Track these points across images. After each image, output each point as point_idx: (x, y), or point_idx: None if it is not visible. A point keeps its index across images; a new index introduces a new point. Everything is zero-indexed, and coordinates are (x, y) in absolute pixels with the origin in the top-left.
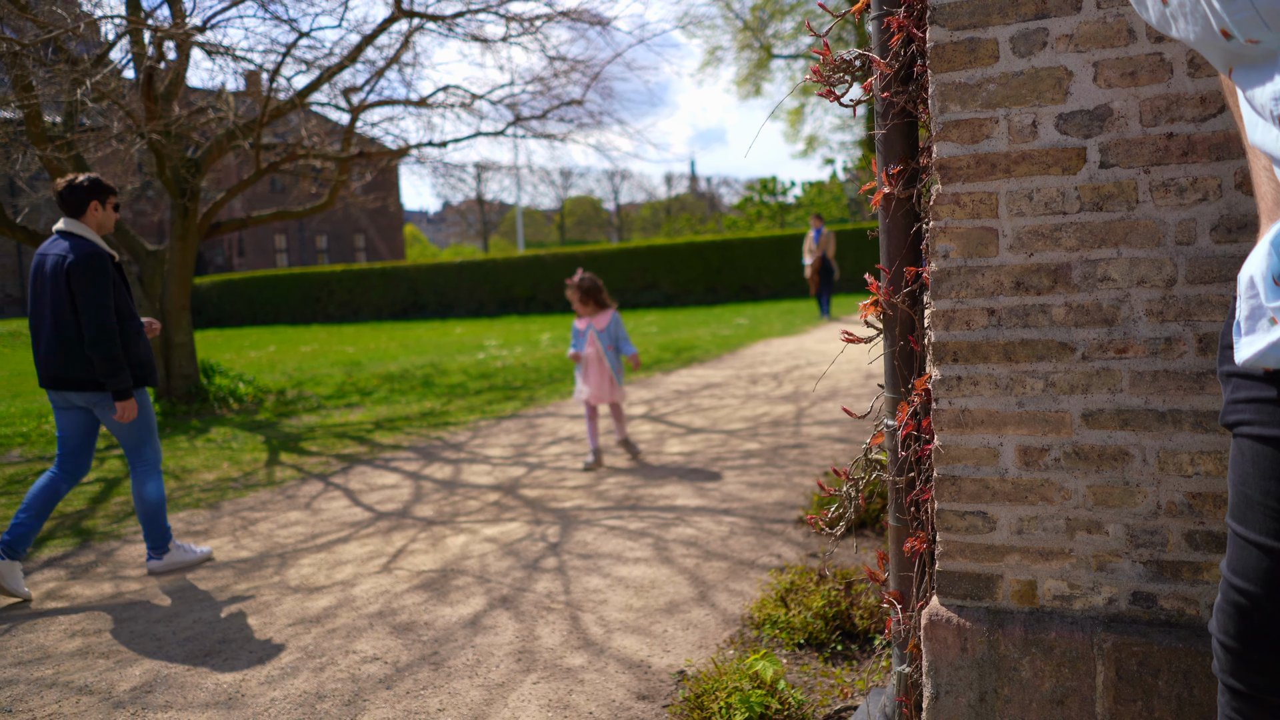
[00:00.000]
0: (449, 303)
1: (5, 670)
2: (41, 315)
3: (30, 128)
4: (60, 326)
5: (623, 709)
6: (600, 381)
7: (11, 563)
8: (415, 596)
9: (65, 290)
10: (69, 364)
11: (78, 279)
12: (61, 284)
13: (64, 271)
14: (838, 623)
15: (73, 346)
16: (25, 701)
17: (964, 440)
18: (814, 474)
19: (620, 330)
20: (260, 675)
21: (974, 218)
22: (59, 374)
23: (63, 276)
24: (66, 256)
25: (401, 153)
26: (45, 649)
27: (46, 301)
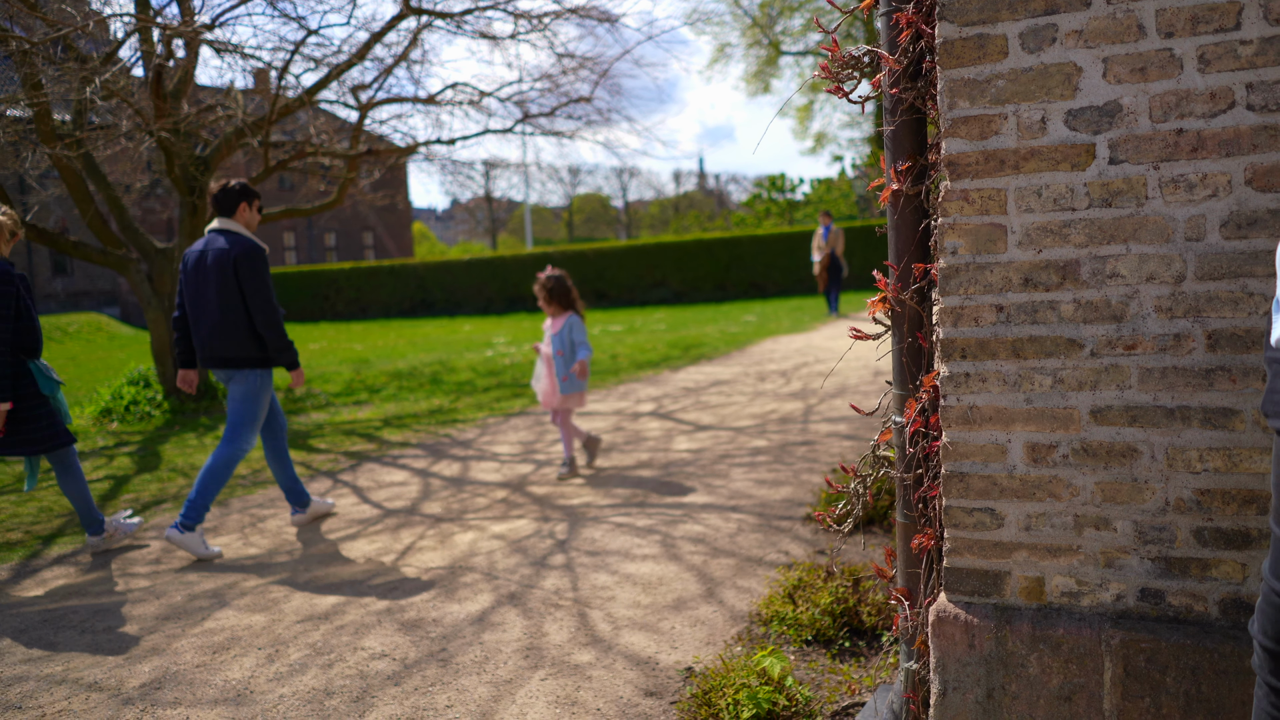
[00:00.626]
0: (457, 300)
1: (15, 667)
2: (204, 303)
3: (39, 126)
4: (227, 311)
5: (630, 706)
6: (548, 386)
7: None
8: (423, 594)
9: (232, 280)
10: (228, 344)
11: (245, 270)
12: (228, 274)
13: (230, 263)
14: (845, 620)
15: (234, 329)
16: (35, 698)
17: (972, 437)
18: (822, 471)
19: (577, 334)
20: (269, 672)
21: (983, 214)
22: (220, 353)
23: (229, 268)
24: (230, 250)
25: (410, 150)
26: (54, 646)
27: (211, 291)
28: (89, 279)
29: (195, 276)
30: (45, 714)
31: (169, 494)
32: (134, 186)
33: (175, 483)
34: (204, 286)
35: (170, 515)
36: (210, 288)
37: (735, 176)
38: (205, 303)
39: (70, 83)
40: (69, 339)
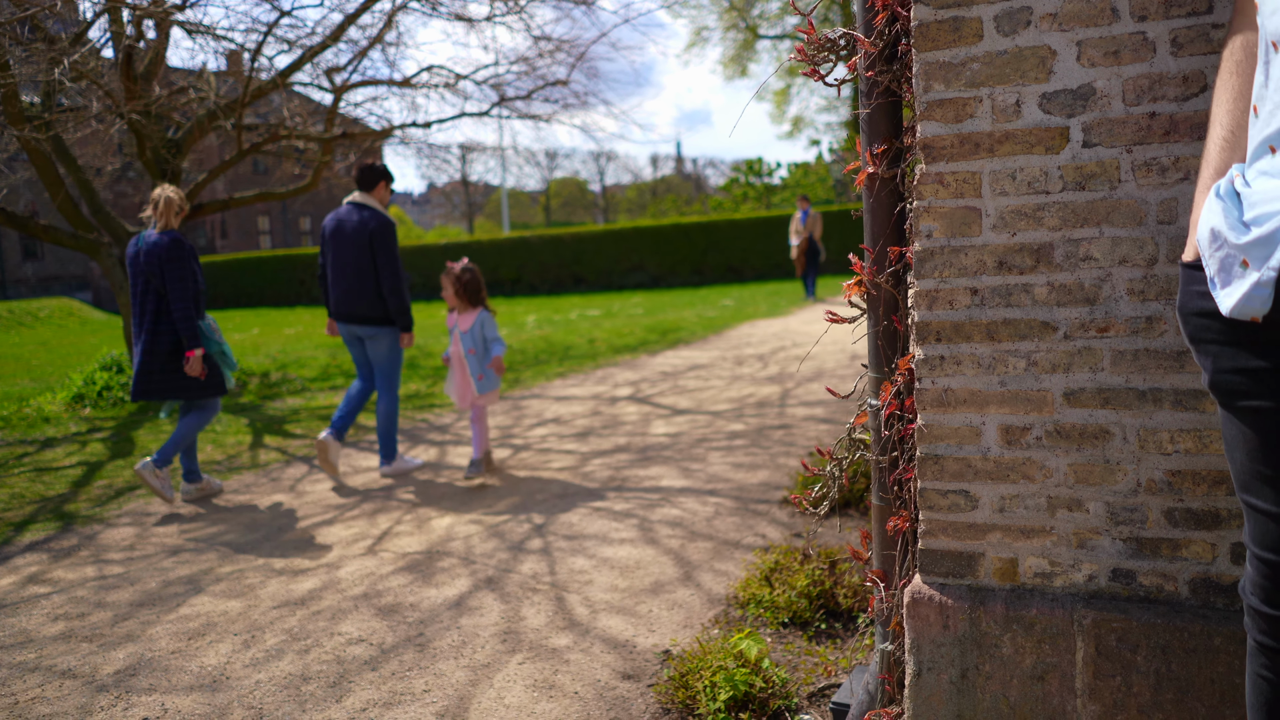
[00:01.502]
0: (434, 285)
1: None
2: (343, 266)
3: (7, 107)
4: (360, 275)
5: (608, 689)
6: (460, 385)
7: (338, 442)
8: (400, 578)
9: (367, 249)
10: (359, 304)
11: (380, 241)
12: (363, 243)
13: (366, 235)
14: (822, 602)
15: (365, 291)
16: (8, 685)
17: (947, 419)
18: (799, 454)
19: (490, 331)
20: (245, 658)
21: (957, 197)
22: (351, 311)
23: (365, 238)
24: (368, 223)
25: (385, 134)
26: (27, 633)
27: (348, 256)
28: (60, 263)
29: (334, 243)
30: (18, 701)
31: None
32: (105, 170)
33: None
34: (342, 252)
35: (143, 503)
36: (348, 254)
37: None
38: (343, 267)
39: (38, 63)
40: (40, 324)
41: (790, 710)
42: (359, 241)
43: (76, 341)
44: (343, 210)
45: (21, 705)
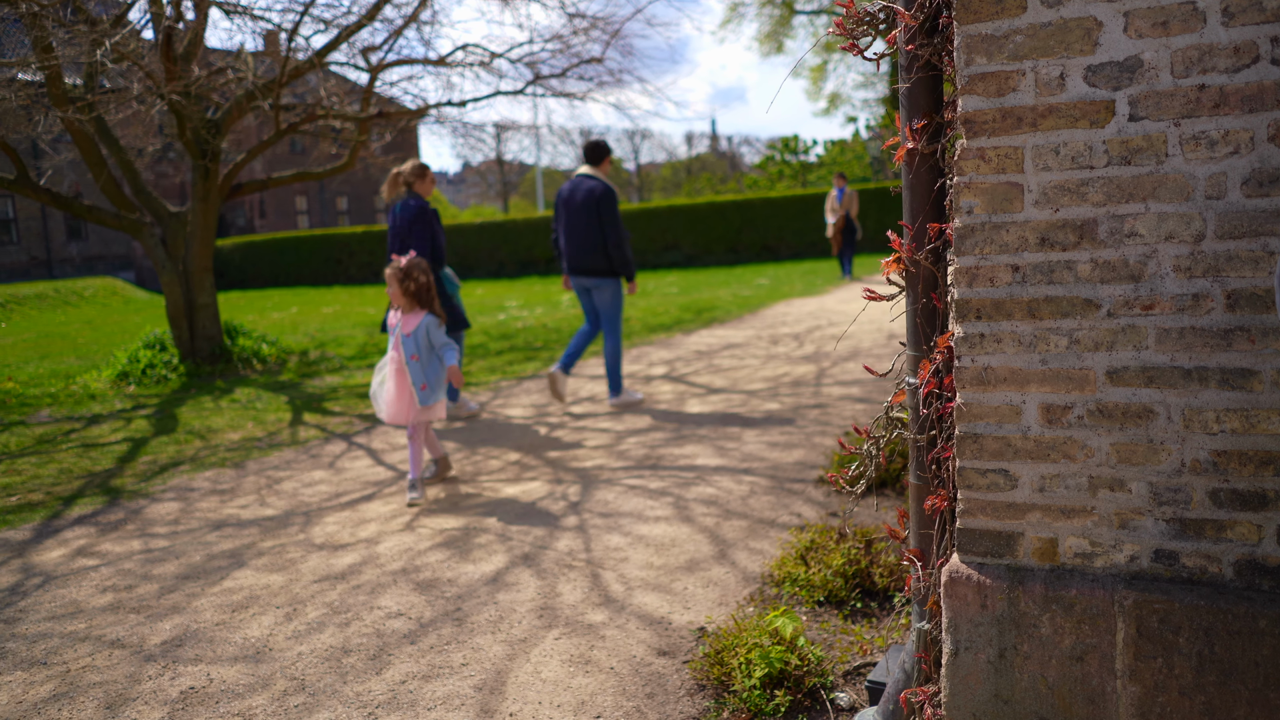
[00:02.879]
0: (469, 264)
1: (39, 624)
2: (574, 228)
3: (51, 89)
4: (589, 234)
5: (643, 664)
6: (396, 396)
7: (565, 375)
8: (438, 554)
9: (595, 213)
10: (588, 260)
11: (605, 207)
12: (592, 209)
13: (595, 201)
14: (857, 581)
15: (593, 248)
16: (59, 654)
17: (986, 398)
18: (834, 434)
19: (437, 336)
20: (287, 630)
21: (999, 173)
22: (581, 265)
23: (593, 204)
24: (595, 190)
25: (421, 112)
26: (77, 604)
27: (579, 219)
28: (104, 243)
29: (567, 209)
30: (70, 669)
31: (186, 456)
32: (146, 150)
33: (192, 445)
34: (575, 216)
35: (187, 477)
36: (579, 217)
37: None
38: (575, 228)
39: (81, 45)
40: (85, 303)
41: (825, 688)
42: (588, 206)
43: (120, 320)
44: (573, 181)
45: (73, 673)
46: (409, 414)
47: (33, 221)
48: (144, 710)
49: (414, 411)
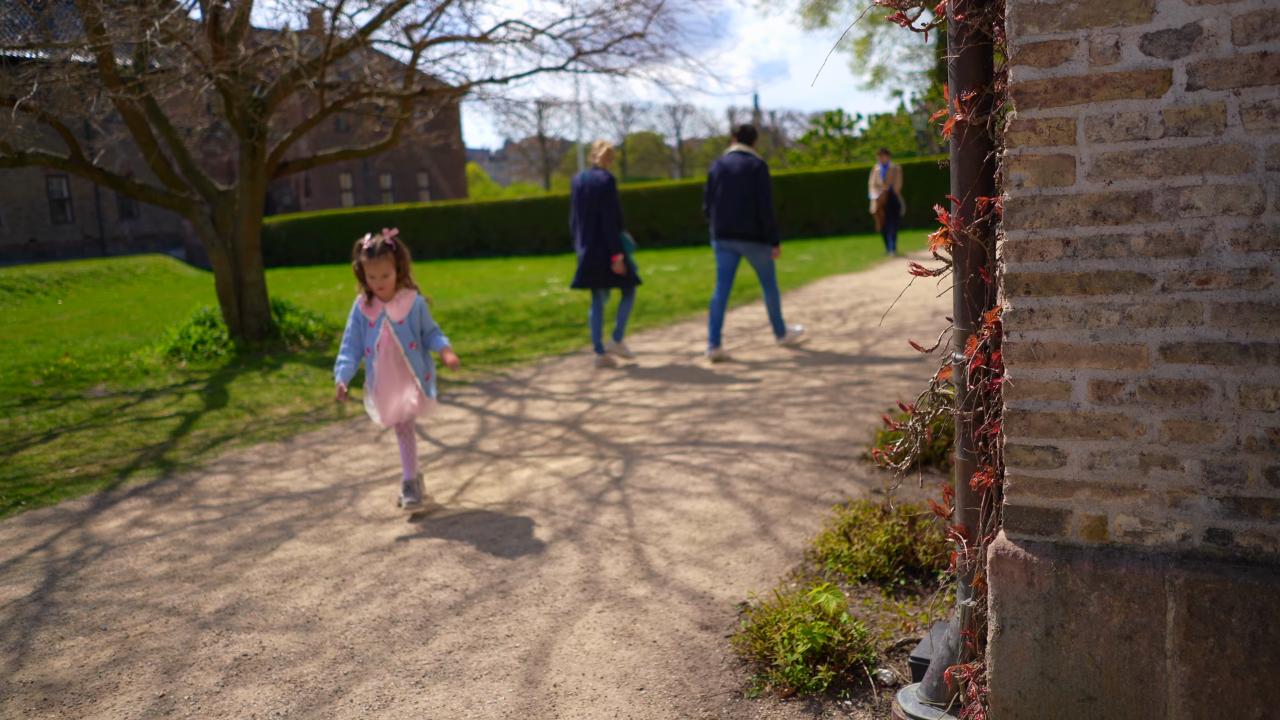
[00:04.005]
0: (511, 241)
1: (99, 592)
2: (729, 198)
3: (103, 70)
4: (743, 204)
5: (686, 638)
6: (399, 392)
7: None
8: (483, 528)
9: (750, 184)
10: (738, 224)
11: (762, 179)
12: (748, 180)
13: (750, 174)
14: (901, 558)
15: (745, 214)
16: (119, 620)
17: (1035, 374)
18: (878, 411)
19: (427, 319)
20: (336, 600)
21: (1050, 145)
22: (732, 230)
23: (750, 176)
24: (751, 165)
25: (463, 90)
26: (134, 572)
27: (734, 191)
28: (155, 222)
29: (724, 181)
30: (129, 635)
31: (236, 430)
32: (195, 129)
33: (242, 419)
34: (731, 187)
35: (238, 450)
36: (735, 188)
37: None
38: (730, 199)
39: (131, 26)
40: (137, 280)
41: (868, 664)
42: (744, 179)
43: (171, 297)
44: (728, 157)
45: (131, 639)
46: (419, 408)
47: (86, 201)
48: (200, 675)
49: (424, 404)
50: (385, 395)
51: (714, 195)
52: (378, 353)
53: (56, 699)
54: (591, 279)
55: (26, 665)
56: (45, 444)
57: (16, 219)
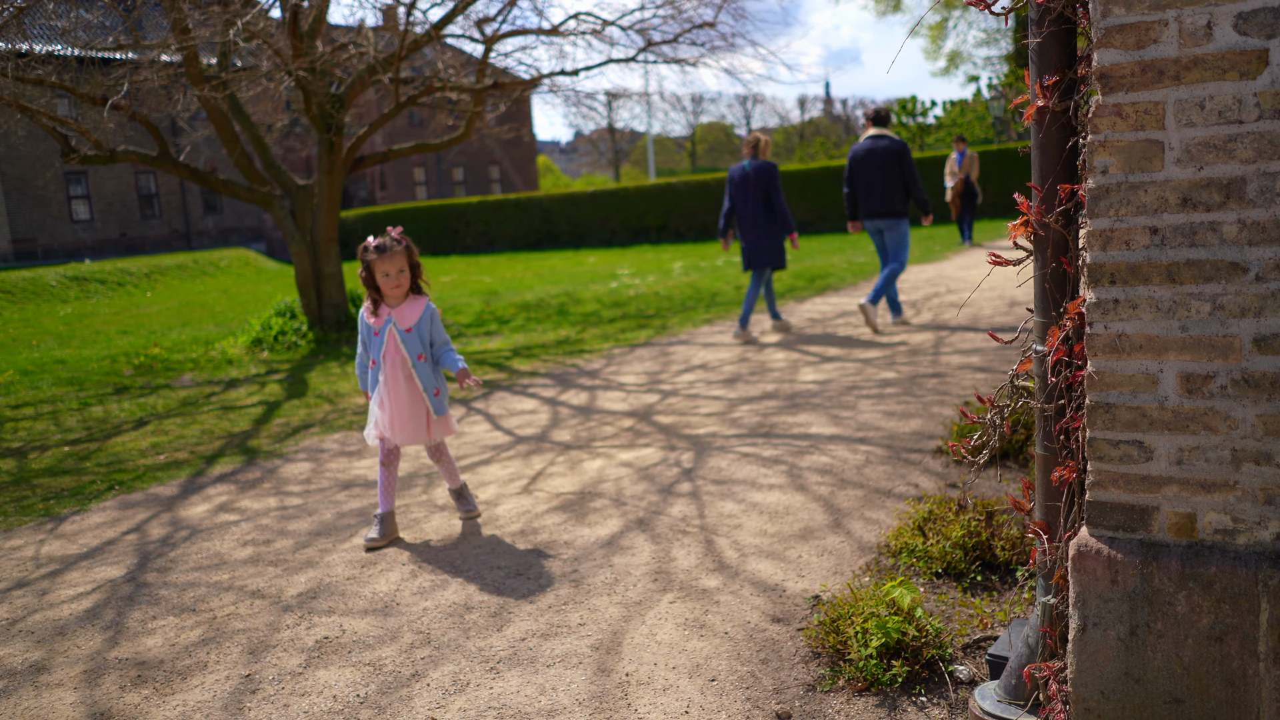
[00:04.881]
0: (582, 232)
1: (188, 574)
2: (874, 179)
3: (189, 69)
4: (888, 184)
5: (758, 630)
6: (409, 409)
7: (874, 306)
8: (554, 517)
9: (895, 165)
10: (883, 204)
11: (905, 160)
12: (893, 162)
13: (894, 155)
14: (977, 553)
15: (890, 193)
16: (207, 602)
17: (1120, 366)
18: (953, 403)
19: (438, 329)
20: (413, 586)
21: (1137, 130)
22: (878, 209)
23: (894, 158)
24: (894, 146)
25: (534, 82)
26: (221, 556)
27: (880, 172)
28: (237, 216)
29: (867, 162)
30: (216, 617)
31: (315, 419)
32: (275, 125)
33: (321, 408)
34: (875, 169)
35: (317, 439)
36: (879, 169)
37: (863, 101)
38: (874, 179)
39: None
40: (220, 273)
41: (944, 660)
42: (888, 160)
43: (253, 289)
44: (867, 141)
45: (219, 620)
46: (428, 429)
47: (173, 196)
48: (283, 657)
49: (433, 425)
50: (397, 414)
51: (856, 179)
52: (384, 364)
53: (149, 675)
54: (759, 260)
55: (121, 643)
56: (136, 431)
57: (108, 214)
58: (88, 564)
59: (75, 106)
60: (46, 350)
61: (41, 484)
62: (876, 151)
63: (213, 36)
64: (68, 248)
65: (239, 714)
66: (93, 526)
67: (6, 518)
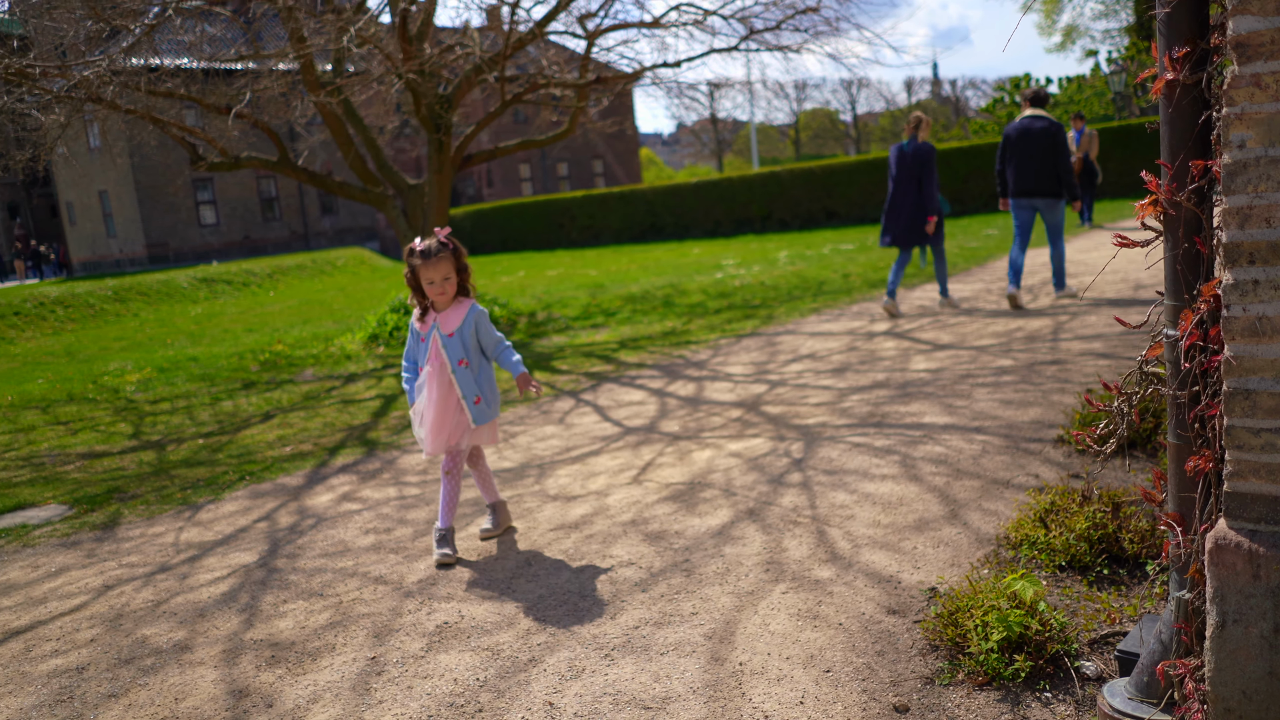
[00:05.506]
0: (685, 224)
1: (315, 560)
2: (1028, 157)
3: (305, 76)
4: (1043, 162)
5: (872, 622)
6: (444, 417)
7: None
8: (665, 507)
9: (1050, 144)
10: (1038, 182)
11: (1059, 139)
12: (1046, 141)
13: (1049, 135)
14: (1104, 546)
15: (1043, 174)
16: (332, 587)
17: (1260, 350)
18: (1074, 391)
19: (487, 332)
20: (527, 574)
21: (1277, 100)
22: (1033, 188)
23: (1047, 138)
24: (1050, 127)
25: (636, 76)
26: (345, 544)
27: (1036, 151)
28: (352, 216)
29: (1022, 141)
30: (342, 601)
31: None
32: (386, 128)
33: None
34: (1031, 148)
35: None
36: (1036, 149)
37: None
38: (1030, 159)
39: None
40: (337, 272)
41: (1069, 655)
42: (1044, 140)
43: (368, 286)
44: (1024, 121)
45: (345, 604)
46: (459, 436)
47: (291, 199)
48: (406, 640)
49: (465, 432)
50: (436, 421)
51: (1011, 158)
52: (430, 370)
53: (282, 656)
54: (906, 239)
55: (256, 625)
56: (264, 424)
57: (232, 218)
58: (223, 550)
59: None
60: (180, 348)
61: (179, 474)
62: (1033, 131)
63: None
64: (196, 251)
65: (366, 694)
66: (226, 514)
67: (149, 506)
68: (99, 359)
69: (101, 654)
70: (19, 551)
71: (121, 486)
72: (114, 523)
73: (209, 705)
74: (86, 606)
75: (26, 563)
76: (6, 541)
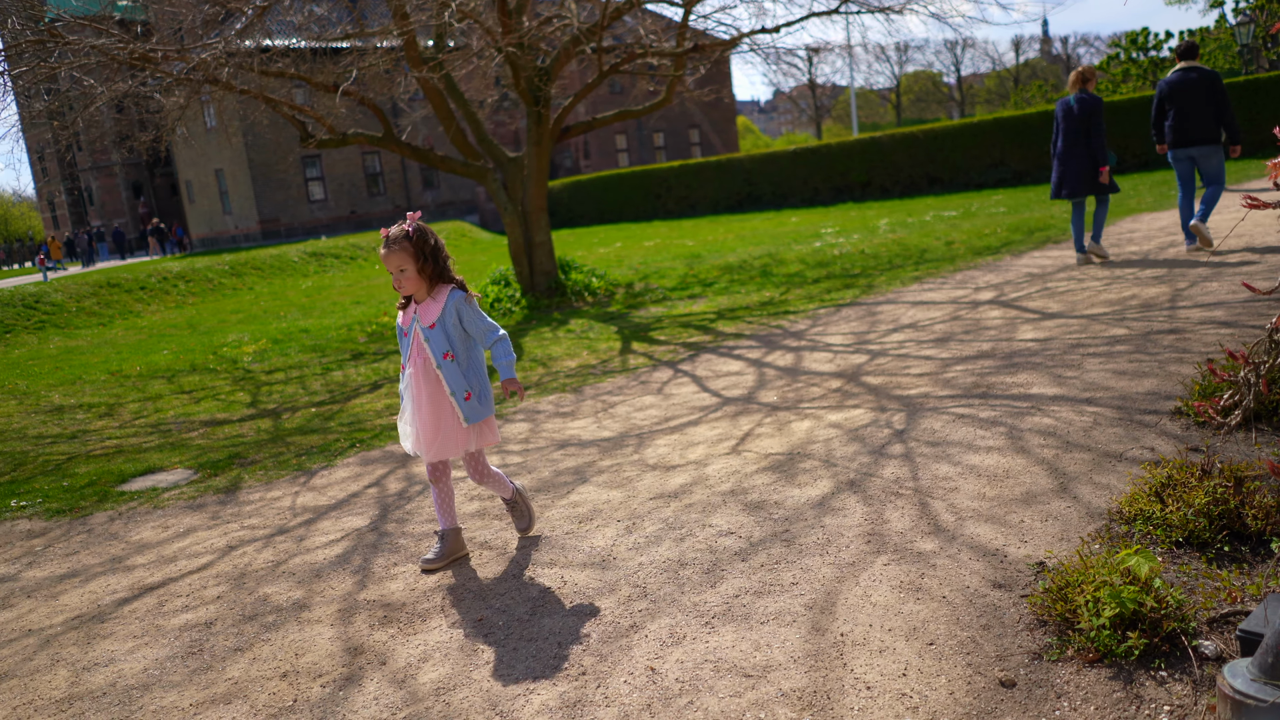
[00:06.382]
0: (783, 192)
1: (422, 525)
2: (1189, 107)
3: (408, 52)
4: (1202, 109)
5: (977, 595)
6: (435, 418)
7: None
8: (764, 477)
9: (1209, 92)
10: (1198, 130)
11: (1219, 88)
12: (1205, 89)
13: (1210, 83)
14: (1224, 522)
15: (1207, 120)
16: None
17: None
18: (1193, 361)
19: (473, 320)
20: (628, 542)
21: None
22: (1192, 137)
23: (1205, 87)
24: (1208, 75)
25: (734, 42)
26: None
27: (1201, 100)
28: (452, 190)
29: (1183, 91)
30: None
31: (530, 381)
32: (486, 101)
33: (536, 371)
34: (1194, 97)
35: (533, 400)
36: (1199, 98)
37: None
38: (1194, 107)
39: (430, 10)
40: None
41: (1187, 634)
42: (1202, 88)
43: (469, 259)
44: (1178, 74)
45: (465, 569)
46: (457, 441)
47: (394, 174)
48: (510, 603)
49: (460, 436)
50: (422, 424)
51: (1168, 111)
52: (411, 367)
53: (394, 616)
54: (1077, 188)
55: (369, 586)
56: (372, 394)
57: (340, 193)
58: (336, 514)
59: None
60: (292, 320)
61: (294, 441)
62: (1189, 81)
63: (429, 20)
64: (306, 226)
65: (473, 655)
66: (339, 480)
67: (267, 471)
68: (218, 331)
69: (227, 610)
70: (150, 513)
71: (241, 453)
72: (235, 487)
73: (326, 661)
74: (212, 565)
75: (157, 523)
76: (139, 503)
